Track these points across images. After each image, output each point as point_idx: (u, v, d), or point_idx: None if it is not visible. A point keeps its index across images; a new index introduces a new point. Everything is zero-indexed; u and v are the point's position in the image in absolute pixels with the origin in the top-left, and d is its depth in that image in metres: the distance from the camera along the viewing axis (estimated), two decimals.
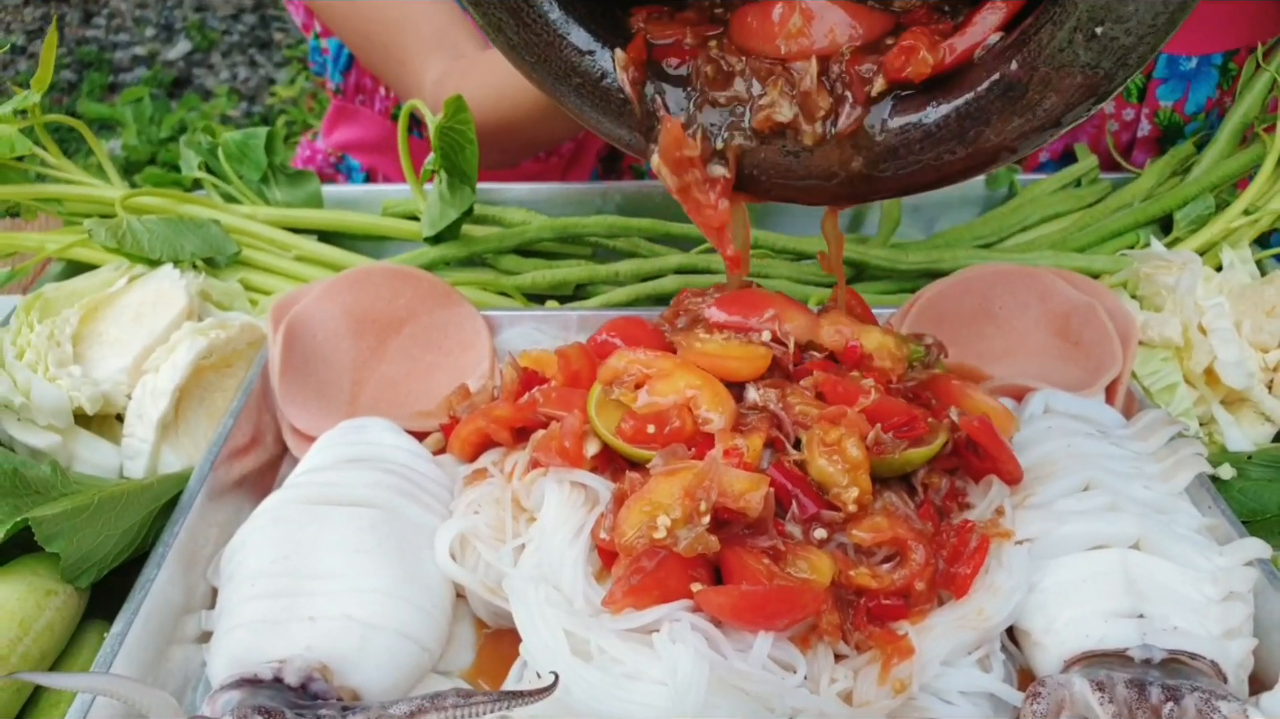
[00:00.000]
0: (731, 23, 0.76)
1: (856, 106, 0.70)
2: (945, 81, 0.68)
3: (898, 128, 0.69)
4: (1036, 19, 0.63)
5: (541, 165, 1.67)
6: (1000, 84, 0.65)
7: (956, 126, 0.67)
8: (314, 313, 1.06)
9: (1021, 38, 0.64)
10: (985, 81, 0.66)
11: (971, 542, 0.79)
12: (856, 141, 0.71)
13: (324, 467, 0.89)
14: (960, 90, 0.67)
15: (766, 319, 0.88)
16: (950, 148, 0.68)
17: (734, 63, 0.73)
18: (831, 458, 0.77)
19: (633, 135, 0.76)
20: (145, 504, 0.85)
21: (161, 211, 1.21)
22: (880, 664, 0.74)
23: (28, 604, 0.74)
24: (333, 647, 0.74)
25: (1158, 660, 0.73)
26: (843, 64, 0.71)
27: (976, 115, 0.67)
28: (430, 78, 1.37)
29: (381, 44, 1.41)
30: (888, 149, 0.70)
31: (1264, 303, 1.07)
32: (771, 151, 0.73)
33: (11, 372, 0.95)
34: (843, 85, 0.71)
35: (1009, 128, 0.66)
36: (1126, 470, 0.88)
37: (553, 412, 0.87)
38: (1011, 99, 0.65)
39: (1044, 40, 0.62)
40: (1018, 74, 0.64)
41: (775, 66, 0.72)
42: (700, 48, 0.75)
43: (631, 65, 0.72)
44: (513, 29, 0.72)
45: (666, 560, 0.72)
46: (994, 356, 1.07)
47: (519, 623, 0.74)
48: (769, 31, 0.73)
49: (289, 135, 3.92)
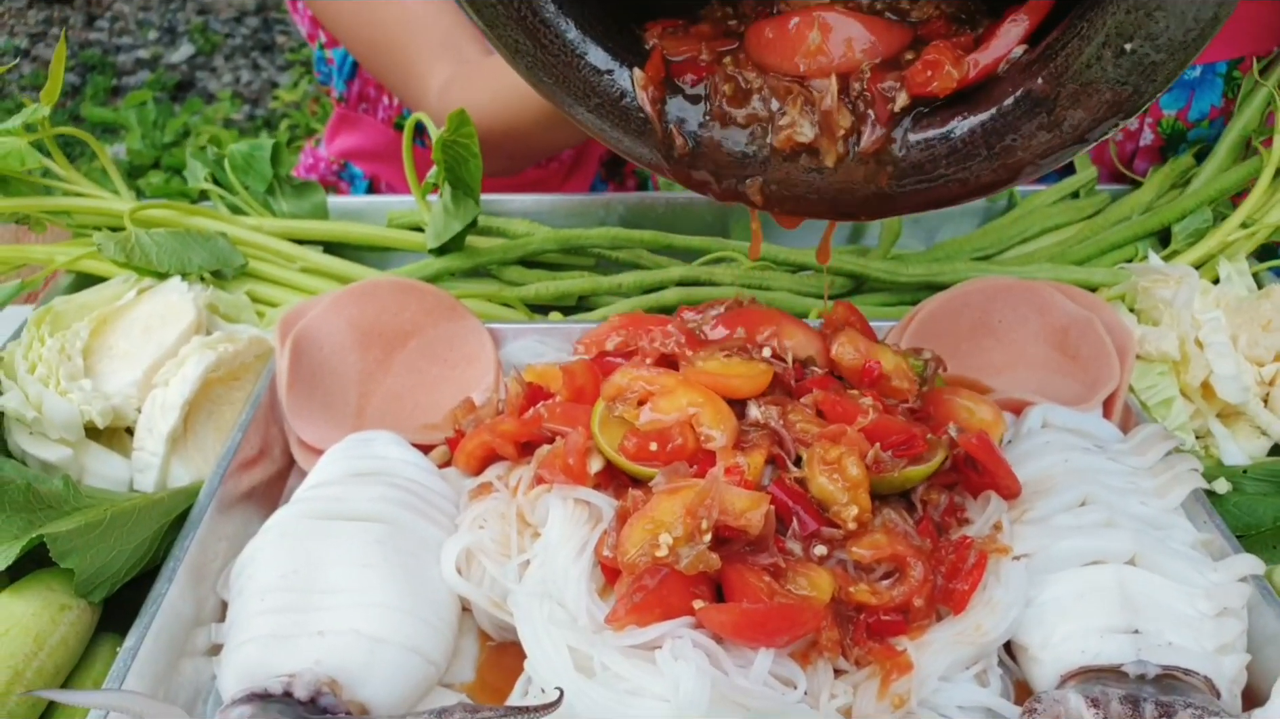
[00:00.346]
0: (747, 37, 0.75)
1: (879, 125, 0.69)
2: (969, 96, 0.67)
3: (922, 143, 0.68)
4: (1063, 33, 0.62)
5: (543, 171, 1.68)
6: (1027, 99, 0.64)
7: (982, 142, 0.66)
8: (321, 326, 1.07)
9: (1047, 52, 0.63)
10: (1011, 96, 0.65)
11: (970, 558, 0.81)
12: (880, 158, 0.70)
13: (331, 481, 0.90)
14: (985, 105, 0.66)
15: (766, 336, 0.89)
16: (976, 163, 0.67)
17: (751, 79, 0.72)
18: (831, 476, 0.78)
19: (654, 154, 0.75)
20: (156, 519, 0.86)
21: (169, 224, 1.22)
22: (879, 679, 0.75)
23: (42, 619, 0.76)
24: (341, 661, 0.75)
25: (1152, 676, 0.74)
26: (864, 81, 0.70)
27: (1002, 131, 0.65)
28: (435, 83, 1.37)
29: (386, 49, 1.41)
30: (912, 164, 0.69)
31: (1260, 317, 1.09)
32: (792, 169, 0.73)
33: (24, 386, 0.97)
34: (864, 103, 0.70)
35: (1035, 143, 0.65)
36: (1123, 485, 0.89)
37: (557, 427, 0.88)
38: (1038, 114, 0.64)
39: (1071, 56, 0.61)
40: (1044, 89, 0.63)
41: (794, 84, 0.71)
42: (716, 63, 0.74)
43: (651, 84, 0.72)
44: (530, 50, 0.71)
45: (668, 578, 0.74)
46: (993, 370, 1.08)
47: (524, 639, 0.75)
48: (787, 48, 0.72)
49: (292, 139, 3.94)
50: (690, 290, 1.23)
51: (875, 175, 0.70)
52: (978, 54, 0.67)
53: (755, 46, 0.74)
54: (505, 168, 1.47)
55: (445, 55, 1.37)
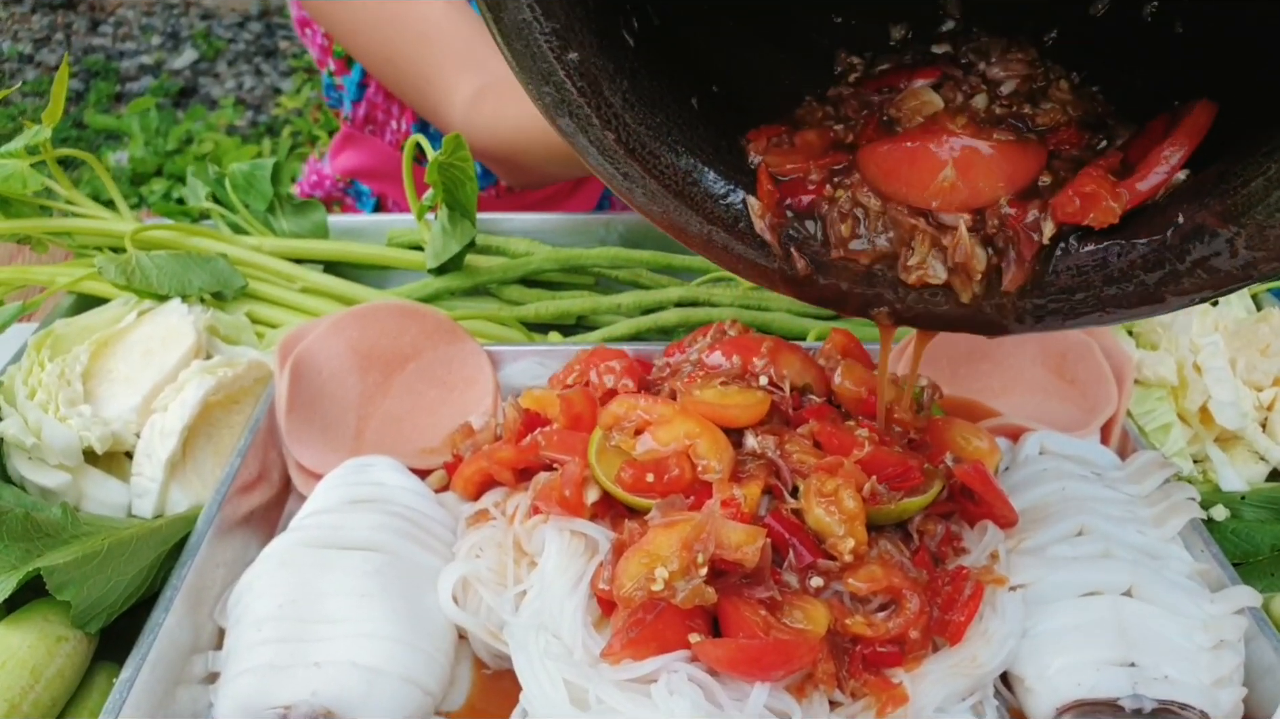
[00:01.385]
0: (862, 160, 0.69)
1: (1024, 263, 0.64)
2: (1126, 222, 0.62)
3: (1074, 270, 0.63)
4: (1243, 167, 0.57)
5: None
6: (1198, 233, 0.58)
7: (1141, 270, 0.61)
8: (320, 349, 1.07)
9: (1224, 185, 0.58)
10: (1176, 228, 0.59)
11: (966, 589, 0.81)
12: (1023, 291, 0.65)
13: (329, 509, 0.90)
14: (1146, 234, 0.61)
15: (763, 365, 0.89)
16: (1130, 290, 0.62)
17: (872, 208, 0.67)
18: (828, 508, 0.78)
19: (775, 275, 0.70)
20: (154, 547, 0.86)
21: (170, 245, 1.22)
22: (875, 712, 0.75)
23: (39, 652, 0.76)
24: (338, 693, 0.75)
25: (1148, 710, 0.74)
26: (1002, 217, 0.65)
27: (1163, 262, 0.60)
28: (461, 96, 1.35)
29: (406, 61, 1.39)
30: (1060, 289, 0.64)
31: (1258, 341, 1.08)
32: (925, 298, 0.68)
33: (23, 411, 0.97)
34: (1004, 239, 0.65)
35: (1197, 279, 0.59)
36: (1120, 514, 0.89)
37: (554, 455, 0.88)
38: (1207, 248, 0.58)
39: (1255, 195, 0.56)
40: (1218, 224, 0.57)
41: (919, 220, 0.66)
42: (827, 182, 0.69)
43: (768, 213, 0.68)
44: (642, 182, 0.66)
45: (664, 612, 0.74)
46: (991, 394, 1.08)
47: (519, 671, 0.76)
48: (916, 183, 0.66)
49: (294, 146, 3.94)
50: (689, 311, 1.23)
51: (1017, 306, 0.66)
52: (1135, 182, 0.62)
53: (874, 173, 0.68)
54: (540, 181, 1.45)
55: (469, 68, 1.36)
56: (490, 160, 1.41)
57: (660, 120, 0.65)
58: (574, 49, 0.60)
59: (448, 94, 1.37)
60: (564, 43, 0.59)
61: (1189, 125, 0.62)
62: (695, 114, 0.68)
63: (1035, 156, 0.66)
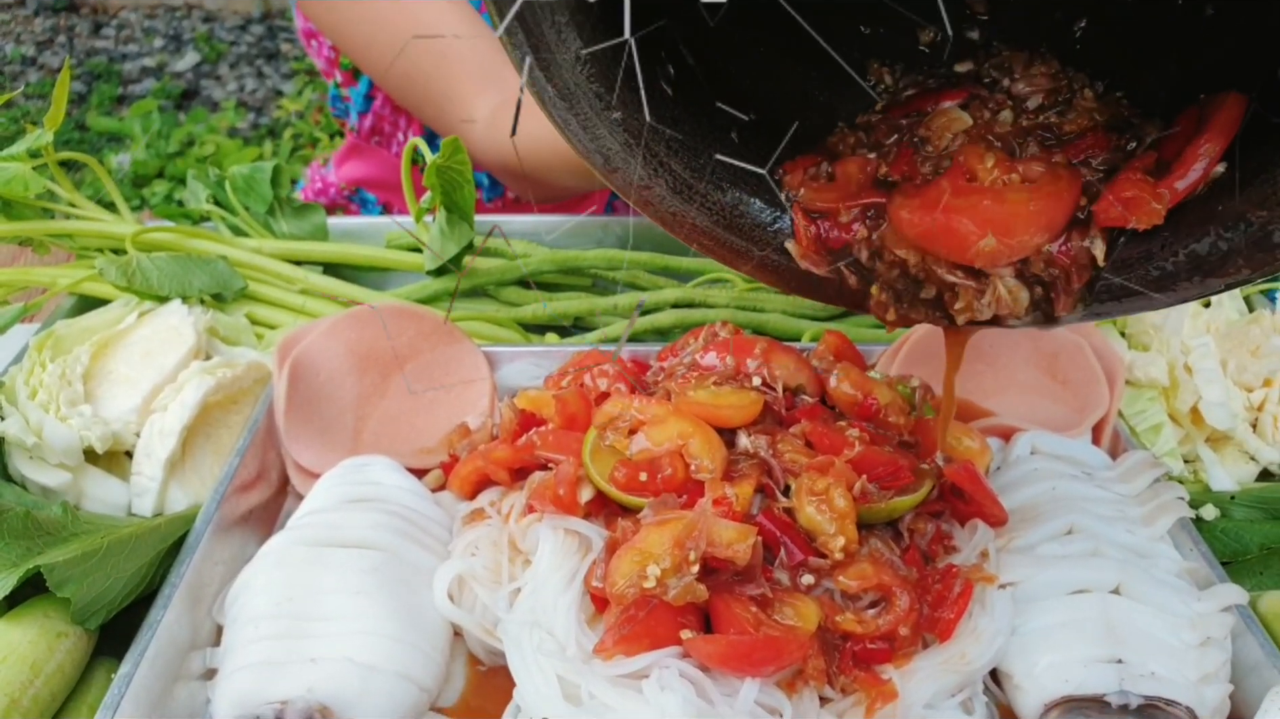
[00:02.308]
0: (894, 213, 0.69)
1: (1074, 290, 0.66)
2: (1169, 220, 0.64)
3: (1123, 274, 0.65)
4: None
5: None
6: (1240, 226, 0.60)
7: (1187, 266, 0.63)
8: (318, 350, 1.08)
9: (1265, 177, 0.59)
10: (1220, 222, 0.61)
11: (955, 587, 0.81)
12: (1073, 304, 0.67)
13: (327, 508, 0.91)
14: (1189, 230, 0.63)
15: (756, 366, 0.90)
16: (1177, 285, 0.64)
17: (909, 260, 0.68)
18: (819, 507, 0.79)
19: (828, 288, 0.73)
20: (153, 545, 0.87)
21: (171, 247, 1.23)
22: (865, 708, 0.76)
23: (39, 647, 0.77)
24: (334, 689, 0.76)
25: (1135, 706, 0.75)
26: (1047, 257, 0.66)
27: (1210, 254, 0.62)
28: (483, 111, 1.36)
29: (424, 77, 1.39)
30: (1108, 290, 0.66)
31: (1249, 342, 1.09)
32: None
33: (24, 411, 0.98)
34: (1050, 276, 0.66)
35: (1244, 265, 0.61)
36: (1109, 514, 0.90)
37: (550, 454, 0.89)
38: (1251, 239, 0.60)
39: None
40: (1264, 216, 0.59)
41: (956, 273, 0.67)
42: (857, 221, 0.70)
43: (808, 255, 0.70)
44: (690, 219, 0.68)
45: (656, 608, 0.75)
46: (983, 394, 1.09)
47: (513, 668, 0.77)
48: (956, 250, 0.66)
49: (296, 149, 3.95)
50: (686, 313, 1.24)
51: (1068, 314, 0.68)
52: (1174, 180, 0.63)
53: (911, 235, 0.68)
54: (563, 194, 1.45)
55: (488, 83, 1.36)
56: (511, 177, 1.41)
57: (704, 161, 0.67)
58: (616, 109, 0.62)
59: (468, 112, 1.37)
60: (605, 104, 0.61)
61: (1222, 120, 0.63)
62: (735, 146, 0.70)
63: (1070, 189, 0.66)
